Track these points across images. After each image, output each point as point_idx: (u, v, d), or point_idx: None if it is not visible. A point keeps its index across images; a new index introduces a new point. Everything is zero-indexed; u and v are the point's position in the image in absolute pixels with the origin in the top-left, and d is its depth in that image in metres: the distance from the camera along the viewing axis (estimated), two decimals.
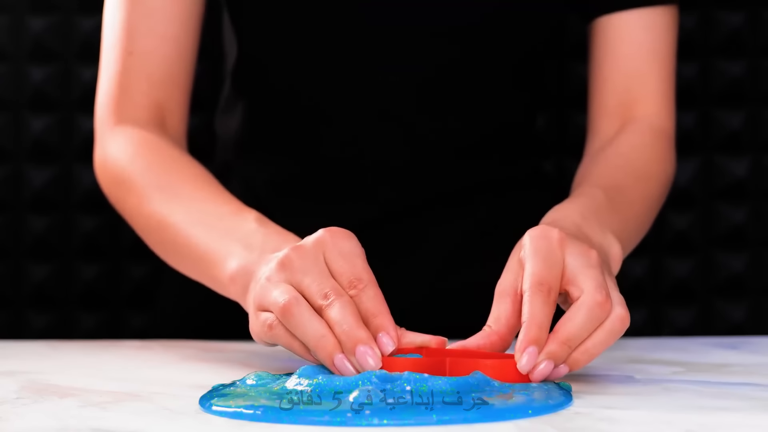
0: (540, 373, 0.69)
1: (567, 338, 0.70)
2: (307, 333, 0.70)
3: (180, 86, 1.00)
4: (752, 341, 0.97)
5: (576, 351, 0.70)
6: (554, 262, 0.72)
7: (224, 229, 0.85)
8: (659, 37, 1.02)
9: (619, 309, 0.72)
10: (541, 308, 0.70)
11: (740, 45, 1.33)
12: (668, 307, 1.35)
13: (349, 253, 0.72)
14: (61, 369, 0.84)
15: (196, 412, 0.66)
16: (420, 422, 0.62)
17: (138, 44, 0.98)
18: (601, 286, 0.71)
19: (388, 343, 0.69)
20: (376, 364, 0.68)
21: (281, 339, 0.72)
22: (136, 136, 0.97)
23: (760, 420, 0.64)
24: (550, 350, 0.69)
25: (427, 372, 0.68)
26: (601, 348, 0.71)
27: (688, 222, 1.34)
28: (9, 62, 1.33)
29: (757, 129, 1.34)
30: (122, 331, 1.34)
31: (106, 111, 1.00)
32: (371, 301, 0.71)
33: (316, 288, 0.71)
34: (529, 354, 0.69)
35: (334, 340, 0.69)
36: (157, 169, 0.94)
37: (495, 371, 0.69)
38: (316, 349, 0.70)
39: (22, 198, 1.33)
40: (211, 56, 1.29)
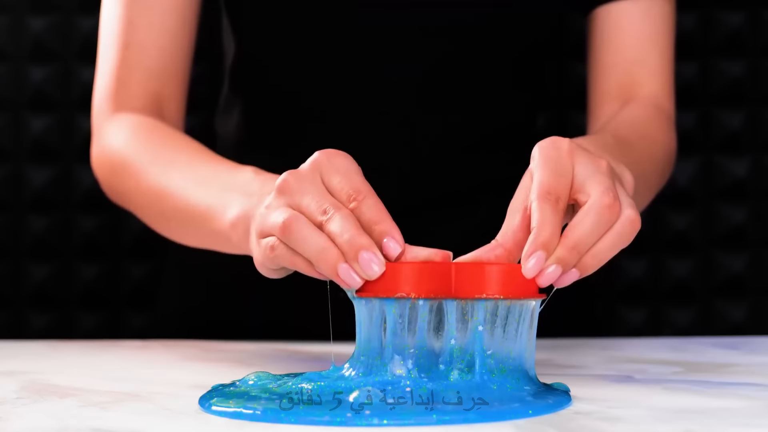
0: (547, 278, 0.67)
1: (576, 243, 0.68)
2: (308, 247, 0.69)
3: (177, 77, 1.01)
4: (752, 341, 0.97)
5: (585, 256, 0.69)
6: (563, 172, 0.70)
7: (222, 184, 0.84)
8: (658, 24, 1.02)
9: (628, 211, 0.70)
10: (550, 215, 0.68)
11: (740, 45, 1.33)
12: (668, 307, 1.35)
13: (346, 170, 0.71)
14: (61, 369, 0.84)
15: (196, 412, 0.66)
16: (420, 422, 0.62)
17: (135, 37, 0.99)
18: (610, 189, 0.69)
19: (394, 247, 0.68)
20: (381, 270, 0.67)
21: (284, 258, 0.71)
22: (132, 121, 0.97)
23: (760, 420, 0.64)
24: (558, 255, 0.68)
25: (434, 279, 0.67)
26: (611, 252, 0.70)
27: (688, 222, 1.34)
28: (9, 62, 1.33)
29: (757, 129, 1.34)
30: (122, 331, 1.34)
31: (103, 103, 1.00)
32: (372, 210, 0.69)
33: (315, 205, 0.69)
34: (537, 258, 0.67)
35: (336, 251, 0.67)
36: (153, 145, 0.94)
37: (501, 277, 0.67)
38: (318, 262, 0.68)
39: (22, 198, 1.33)
40: (211, 56, 1.29)
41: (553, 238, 0.68)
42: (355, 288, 0.68)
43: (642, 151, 0.94)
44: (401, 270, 0.67)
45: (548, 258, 0.67)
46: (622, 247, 0.70)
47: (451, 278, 0.68)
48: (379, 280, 0.67)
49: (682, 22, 1.32)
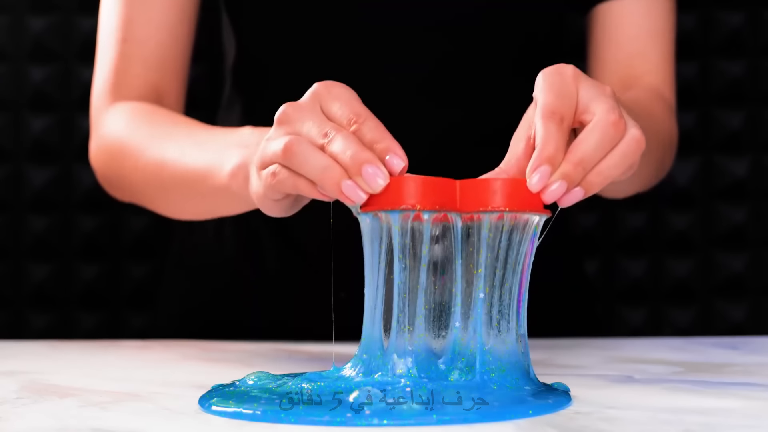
0: (552, 194, 0.67)
1: (581, 158, 0.68)
2: (311, 167, 0.68)
3: (176, 70, 1.01)
4: (752, 341, 0.97)
5: (590, 173, 0.68)
6: (567, 94, 0.70)
7: (219, 143, 0.84)
8: (658, 19, 1.03)
9: (634, 130, 0.69)
10: (555, 132, 0.68)
11: (740, 45, 1.33)
12: (668, 307, 1.35)
13: (345, 97, 0.71)
14: (61, 369, 0.84)
15: (196, 412, 0.66)
16: (420, 422, 0.62)
17: (134, 32, 1.00)
18: (615, 108, 0.69)
19: (397, 162, 0.67)
20: (385, 182, 0.66)
21: (286, 183, 0.70)
22: (130, 107, 0.98)
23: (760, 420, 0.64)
24: (563, 170, 0.67)
25: (438, 192, 0.67)
26: (616, 170, 0.69)
27: (688, 222, 1.34)
28: (9, 62, 1.33)
29: (757, 129, 1.34)
30: (122, 331, 1.34)
31: (101, 96, 1.01)
32: (373, 131, 0.69)
33: (316, 130, 0.69)
34: (542, 173, 0.67)
35: (339, 168, 0.67)
36: (150, 123, 0.95)
37: (506, 190, 0.67)
38: (322, 180, 0.68)
39: (22, 198, 1.33)
40: (211, 56, 1.29)
41: (558, 153, 0.67)
42: (359, 203, 0.67)
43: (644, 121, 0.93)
44: (405, 183, 0.67)
45: (553, 173, 0.67)
46: (628, 165, 0.70)
47: (456, 194, 0.68)
48: (383, 193, 0.67)
49: (682, 22, 1.32)
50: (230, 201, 0.84)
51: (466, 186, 0.68)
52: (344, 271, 1.02)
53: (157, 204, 0.94)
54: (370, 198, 0.67)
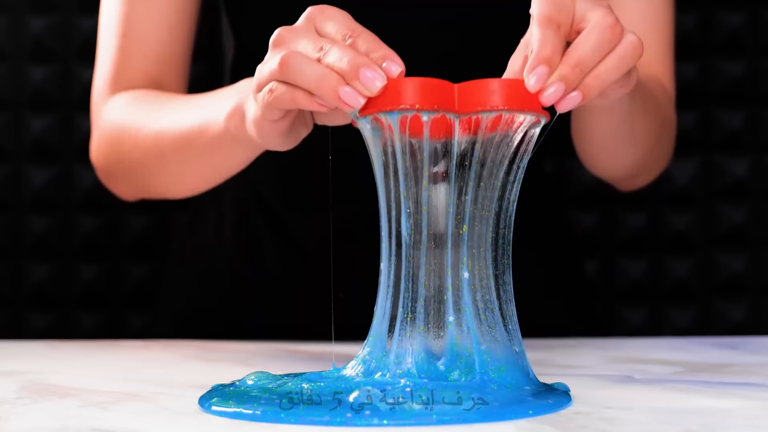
0: (551, 95, 0.67)
1: (578, 60, 0.68)
2: (307, 76, 0.68)
3: (176, 64, 1.02)
4: (752, 341, 0.97)
5: (588, 76, 0.68)
6: (563, 5, 0.69)
7: (214, 98, 0.85)
8: (658, 13, 1.02)
9: (631, 35, 0.69)
10: (552, 36, 0.68)
11: (740, 45, 1.33)
12: (668, 307, 1.35)
13: (339, 17, 0.71)
14: (61, 369, 0.84)
15: (196, 412, 0.66)
16: (420, 422, 0.62)
17: (134, 28, 1.00)
18: (609, 14, 0.69)
19: (395, 68, 0.67)
20: (383, 83, 0.66)
21: (284, 97, 0.70)
22: (127, 94, 0.99)
23: (759, 420, 0.64)
24: (560, 72, 0.67)
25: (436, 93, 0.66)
26: (614, 74, 0.69)
27: (688, 222, 1.34)
28: (9, 62, 1.33)
29: (757, 129, 1.34)
30: (122, 331, 1.34)
31: (101, 92, 1.01)
32: (368, 42, 0.69)
33: (312, 46, 0.69)
34: (539, 73, 0.67)
35: (336, 75, 0.67)
36: (148, 102, 0.96)
37: (504, 90, 0.67)
38: (319, 89, 0.68)
39: (22, 198, 1.33)
40: (211, 56, 1.29)
41: (555, 55, 0.67)
42: (357, 108, 0.67)
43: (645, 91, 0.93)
44: (403, 84, 0.67)
45: (551, 75, 0.67)
46: (625, 70, 0.70)
47: (455, 96, 0.68)
48: (381, 96, 0.67)
49: (682, 22, 1.33)
50: (229, 149, 0.84)
51: (465, 88, 0.68)
52: (344, 271, 1.02)
53: (158, 179, 0.94)
54: (368, 102, 0.67)
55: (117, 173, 0.99)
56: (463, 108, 0.67)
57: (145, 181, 0.96)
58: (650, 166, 1.03)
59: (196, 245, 1.09)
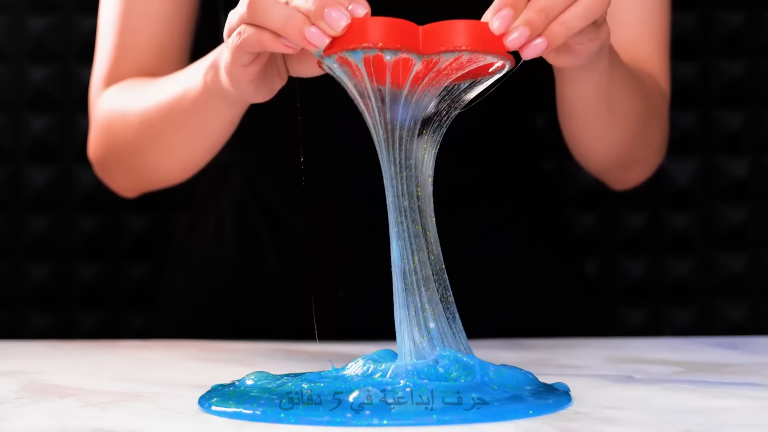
0: (515, 41, 0.67)
1: (544, 6, 0.68)
2: (274, 17, 0.69)
3: (172, 58, 1.03)
4: (752, 341, 0.97)
5: (553, 23, 0.68)
6: None
7: (195, 65, 0.86)
8: (653, 9, 1.02)
9: None
10: None
11: (740, 45, 1.33)
12: (668, 307, 1.35)
13: None
14: (61, 369, 0.84)
15: (196, 412, 0.66)
16: (420, 422, 0.62)
17: (130, 24, 1.01)
18: None
19: (360, 10, 0.67)
20: (346, 22, 0.67)
21: (251, 39, 0.70)
22: (120, 84, 1.00)
23: (760, 420, 0.64)
24: (525, 16, 0.67)
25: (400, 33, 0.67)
26: (580, 22, 0.69)
27: (688, 222, 1.34)
28: (9, 62, 1.33)
29: (757, 129, 1.34)
30: (122, 331, 1.34)
31: (97, 87, 1.02)
32: None
33: None
34: (503, 17, 0.67)
35: (302, 16, 0.68)
36: (136, 86, 0.97)
37: (469, 32, 0.67)
38: (285, 29, 0.68)
39: (22, 198, 1.33)
40: None
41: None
42: (322, 47, 0.68)
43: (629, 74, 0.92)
44: (367, 23, 0.67)
45: (516, 18, 0.67)
46: (592, 19, 0.70)
47: (419, 36, 0.68)
48: (346, 35, 0.67)
49: (682, 22, 1.33)
50: (211, 108, 0.84)
51: (429, 29, 0.68)
52: (343, 270, 1.02)
53: (150, 157, 0.95)
54: (332, 41, 0.67)
55: (111, 163, 1.00)
56: (427, 48, 0.67)
57: (138, 164, 0.97)
58: (637, 156, 1.02)
59: (196, 245, 1.09)
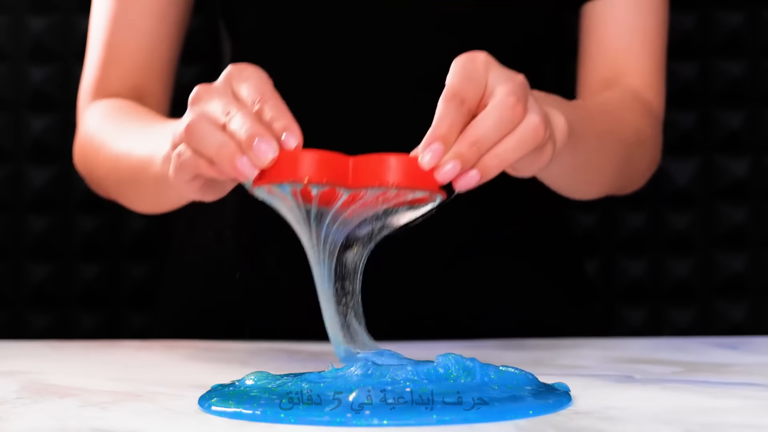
0: (446, 174, 0.66)
1: (475, 139, 0.67)
2: (208, 144, 0.69)
3: (158, 72, 1.03)
4: (752, 341, 0.97)
5: (486, 156, 0.68)
6: (474, 79, 0.69)
7: (161, 133, 0.85)
8: (646, 16, 1.01)
9: (533, 116, 0.69)
10: (452, 112, 0.67)
11: (740, 45, 1.33)
12: (668, 307, 1.35)
13: (256, 79, 0.71)
14: (61, 369, 0.84)
15: (196, 412, 0.66)
16: (420, 422, 0.62)
17: (116, 36, 1.01)
18: (515, 92, 0.68)
19: (292, 140, 0.68)
20: (274, 155, 0.67)
21: (189, 163, 0.71)
22: (105, 103, 1.00)
23: (760, 420, 0.64)
24: (457, 150, 0.67)
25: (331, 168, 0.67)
26: (513, 155, 0.68)
27: (688, 222, 1.34)
28: (9, 62, 1.33)
29: (757, 129, 1.34)
30: (122, 331, 1.34)
31: (84, 99, 1.03)
32: (273, 109, 0.69)
33: (220, 109, 0.70)
34: (434, 151, 0.66)
35: (234, 145, 0.68)
36: (114, 118, 0.97)
37: (400, 168, 0.67)
38: (218, 158, 0.68)
39: (22, 198, 1.33)
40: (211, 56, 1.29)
41: (452, 132, 0.67)
42: (251, 179, 0.68)
43: (600, 120, 0.91)
44: (295, 156, 0.67)
45: (447, 152, 0.66)
46: (526, 151, 0.69)
47: (349, 169, 0.67)
48: (274, 168, 0.67)
49: (682, 22, 1.32)
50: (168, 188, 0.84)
51: (360, 162, 0.68)
52: None
53: (121, 198, 0.96)
54: (261, 173, 0.67)
55: (92, 181, 1.01)
56: (356, 182, 0.67)
57: (112, 195, 0.98)
58: (627, 184, 1.01)
59: (196, 245, 1.09)
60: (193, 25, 1.08)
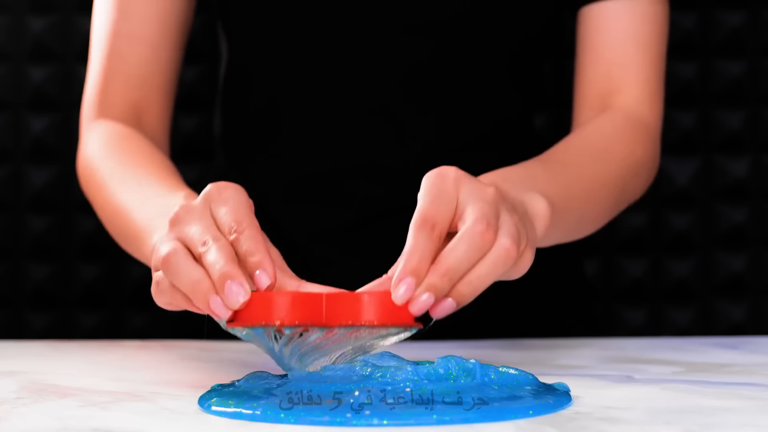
0: (420, 306, 0.67)
1: (447, 269, 0.67)
2: (184, 280, 0.69)
3: (157, 87, 1.03)
4: (752, 341, 0.97)
5: (459, 283, 0.68)
6: (444, 199, 0.69)
7: (157, 208, 0.85)
8: (643, 25, 0.99)
9: (504, 240, 0.69)
10: (423, 241, 0.68)
11: (740, 45, 1.33)
12: (668, 307, 1.35)
13: (234, 203, 0.72)
14: (61, 369, 0.84)
15: (195, 412, 0.66)
16: (420, 422, 0.62)
17: (117, 46, 1.02)
18: (484, 217, 0.68)
19: (264, 279, 0.68)
20: (245, 299, 0.67)
21: (166, 293, 0.71)
22: (109, 129, 1.00)
23: (760, 420, 0.64)
24: (429, 282, 0.67)
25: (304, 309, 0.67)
26: (486, 280, 0.69)
27: (688, 222, 1.34)
28: (9, 62, 1.33)
29: (757, 129, 1.34)
30: (122, 331, 1.34)
31: (88, 110, 1.03)
32: (248, 241, 0.69)
33: (198, 237, 0.70)
34: (407, 285, 0.66)
35: (209, 283, 0.68)
36: (116, 158, 0.97)
37: (373, 305, 0.67)
38: (193, 295, 0.69)
39: (22, 198, 1.33)
40: (211, 56, 1.29)
41: (423, 264, 0.67)
42: (225, 319, 0.68)
43: (584, 172, 0.91)
44: (268, 299, 0.67)
45: (419, 285, 0.67)
46: (499, 275, 0.69)
47: (322, 308, 0.68)
48: (247, 309, 0.67)
49: (682, 22, 1.32)
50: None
51: (333, 300, 0.68)
52: (343, 274, 1.02)
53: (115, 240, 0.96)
54: (234, 313, 0.68)
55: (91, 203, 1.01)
56: (330, 320, 0.67)
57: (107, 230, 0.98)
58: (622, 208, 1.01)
59: None
60: (193, 25, 1.08)
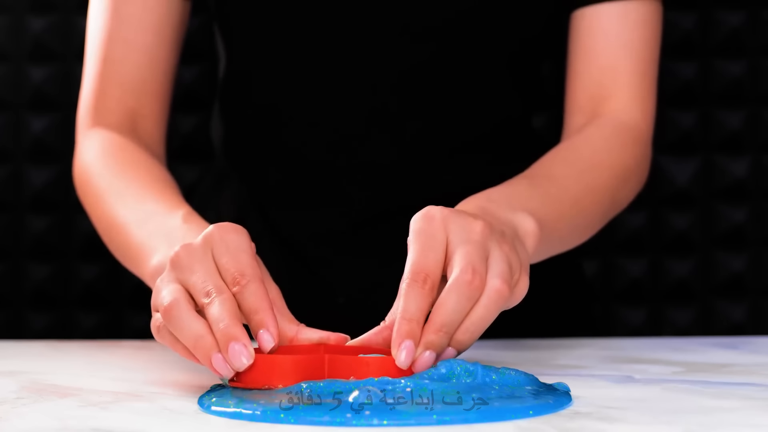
0: (422, 364, 0.68)
1: (442, 324, 0.68)
2: (186, 334, 0.69)
3: (153, 93, 1.02)
4: (752, 341, 0.97)
5: (457, 333, 0.69)
6: (434, 245, 0.70)
7: (155, 227, 0.86)
8: (634, 30, 0.98)
9: (494, 282, 0.69)
10: (414, 300, 0.68)
11: (740, 45, 1.33)
12: (668, 307, 1.35)
13: (235, 249, 0.72)
14: (61, 369, 0.84)
15: (195, 412, 0.66)
16: (420, 422, 0.62)
17: (113, 52, 1.01)
18: (470, 265, 0.69)
19: (267, 339, 0.69)
20: (249, 362, 0.67)
21: (167, 341, 0.72)
22: (105, 139, 0.99)
23: (760, 420, 0.64)
24: (427, 340, 0.68)
25: (306, 371, 0.68)
26: (482, 324, 0.69)
27: (688, 222, 1.34)
28: (9, 62, 1.33)
29: (757, 129, 1.34)
30: (122, 331, 1.34)
31: (84, 116, 1.02)
32: (252, 297, 0.70)
33: (201, 286, 0.70)
34: (407, 349, 0.67)
35: (211, 339, 0.68)
36: (113, 170, 0.96)
37: (376, 370, 0.68)
38: (195, 349, 0.69)
39: (22, 198, 1.33)
40: (210, 57, 1.29)
41: (417, 324, 0.68)
42: (227, 377, 0.69)
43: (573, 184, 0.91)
44: (271, 362, 0.68)
45: (418, 345, 0.68)
46: (493, 316, 0.70)
47: (324, 371, 0.69)
48: (250, 371, 0.68)
49: (682, 22, 1.32)
50: None
51: (336, 361, 0.69)
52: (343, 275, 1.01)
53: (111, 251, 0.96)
54: (237, 373, 0.68)
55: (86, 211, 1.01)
56: None
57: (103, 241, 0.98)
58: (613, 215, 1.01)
59: None
60: (192, 25, 1.07)
